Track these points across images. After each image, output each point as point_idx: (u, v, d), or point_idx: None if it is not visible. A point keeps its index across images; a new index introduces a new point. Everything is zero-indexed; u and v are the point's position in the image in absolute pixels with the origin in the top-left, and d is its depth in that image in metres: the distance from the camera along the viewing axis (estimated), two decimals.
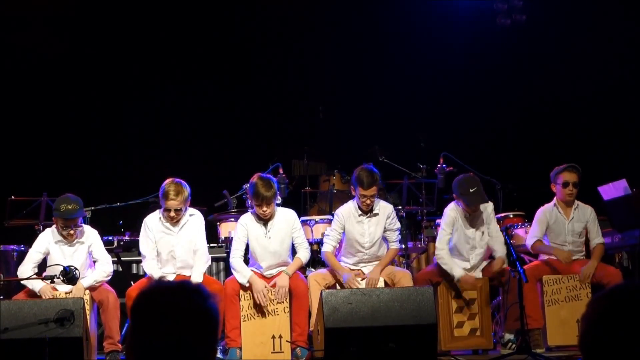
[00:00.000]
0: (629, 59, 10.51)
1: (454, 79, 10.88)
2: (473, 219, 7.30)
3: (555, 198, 7.52)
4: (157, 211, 7.15)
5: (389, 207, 7.32)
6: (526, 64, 11.02)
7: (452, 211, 7.32)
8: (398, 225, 7.36)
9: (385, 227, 7.24)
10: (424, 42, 10.87)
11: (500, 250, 7.25)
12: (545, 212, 7.50)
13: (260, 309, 6.94)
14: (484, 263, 7.38)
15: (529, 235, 7.58)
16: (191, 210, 7.17)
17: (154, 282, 2.28)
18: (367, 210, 7.20)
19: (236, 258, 7.09)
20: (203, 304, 2.13)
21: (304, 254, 7.16)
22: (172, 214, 6.94)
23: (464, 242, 7.30)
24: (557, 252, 7.37)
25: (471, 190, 7.14)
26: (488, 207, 7.38)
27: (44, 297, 6.67)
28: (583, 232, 7.51)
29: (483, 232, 7.33)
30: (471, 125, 10.87)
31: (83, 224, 7.08)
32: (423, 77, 10.82)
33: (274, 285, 6.97)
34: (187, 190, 6.95)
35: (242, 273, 7.01)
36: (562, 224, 7.46)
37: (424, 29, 10.92)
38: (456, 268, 7.18)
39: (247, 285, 6.97)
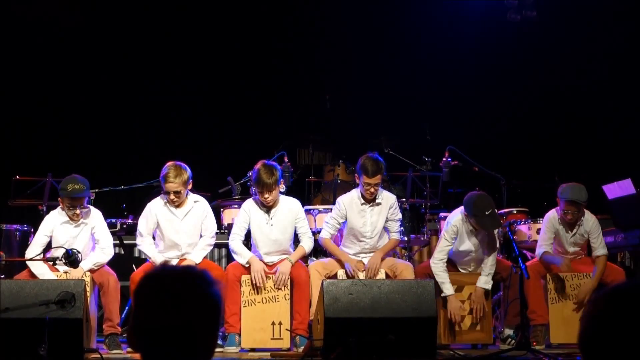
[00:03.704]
0: (638, 56, 10.47)
1: (462, 73, 10.86)
2: (479, 234, 7.20)
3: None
4: (161, 196, 7.16)
5: (392, 198, 7.31)
6: (535, 60, 10.99)
7: (458, 223, 7.17)
8: (400, 216, 7.34)
9: (387, 217, 7.23)
10: (434, 35, 10.85)
11: (482, 282, 7.13)
12: (552, 220, 7.38)
13: (260, 295, 6.95)
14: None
15: (539, 243, 7.43)
16: (195, 196, 7.19)
17: (159, 266, 2.28)
18: (370, 200, 7.19)
19: (235, 241, 7.11)
20: (207, 289, 2.13)
21: (307, 243, 7.17)
22: (172, 196, 6.95)
23: (466, 254, 7.26)
24: (560, 264, 7.25)
25: (486, 213, 6.95)
26: None
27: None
28: (585, 240, 7.45)
29: (487, 247, 7.29)
30: (478, 120, 10.86)
31: (89, 206, 7.09)
32: (431, 70, 10.80)
33: (275, 272, 6.98)
34: (187, 172, 6.96)
35: (242, 255, 7.05)
36: (564, 236, 7.39)
37: (434, 22, 10.90)
38: (447, 285, 7.09)
39: (247, 266, 6.99)
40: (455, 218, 7.21)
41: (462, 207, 7.24)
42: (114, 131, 10.56)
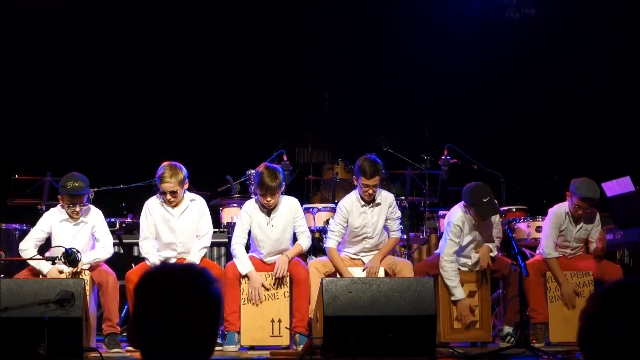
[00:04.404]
0: (638, 54, 10.47)
1: (461, 71, 10.85)
2: (480, 225, 7.24)
3: (567, 204, 7.42)
4: (157, 196, 7.16)
5: (390, 197, 7.32)
6: (534, 58, 10.99)
7: (459, 222, 7.19)
8: (399, 214, 7.35)
9: (386, 216, 7.24)
10: (433, 33, 10.84)
11: (489, 243, 7.25)
12: (559, 217, 7.38)
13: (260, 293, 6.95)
14: None
15: (544, 243, 7.40)
16: (192, 195, 7.18)
17: (159, 264, 2.28)
18: (369, 200, 7.20)
19: (239, 245, 7.08)
20: (207, 288, 2.13)
21: (304, 242, 7.16)
22: (169, 196, 6.95)
23: (469, 245, 7.27)
24: (564, 286, 7.27)
25: (484, 200, 7.02)
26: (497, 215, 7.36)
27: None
28: (588, 234, 7.48)
29: (489, 237, 7.31)
30: (476, 118, 10.85)
31: (88, 204, 7.10)
32: (430, 68, 10.80)
33: (273, 265, 6.99)
34: (182, 172, 6.95)
35: (243, 264, 7.00)
36: (570, 231, 7.40)
37: (433, 20, 10.89)
38: (458, 290, 7.11)
39: (246, 277, 6.99)
40: (456, 217, 7.22)
41: (459, 204, 7.26)
42: (113, 130, 10.55)
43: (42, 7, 10.21)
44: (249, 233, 7.22)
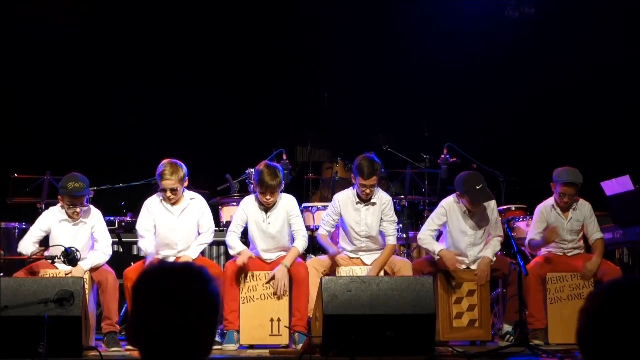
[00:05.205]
0: (636, 53, 10.47)
1: (460, 70, 10.85)
2: (474, 215, 7.25)
3: (552, 198, 7.45)
4: (157, 194, 7.16)
5: (387, 198, 7.31)
6: (533, 57, 10.99)
7: (447, 205, 7.26)
8: (395, 218, 7.33)
9: (381, 217, 7.23)
10: (432, 32, 10.84)
11: (488, 252, 7.24)
12: (544, 211, 7.42)
13: (259, 292, 6.94)
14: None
15: (529, 234, 7.50)
16: (191, 194, 7.18)
17: (157, 263, 2.28)
18: (365, 199, 7.20)
19: (231, 235, 7.12)
20: (205, 286, 2.13)
21: (301, 243, 7.12)
22: (169, 193, 6.96)
23: (462, 238, 7.27)
24: (546, 234, 7.26)
25: (477, 187, 7.06)
26: (491, 203, 7.33)
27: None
28: (581, 228, 7.47)
29: (484, 230, 7.30)
30: (476, 117, 10.85)
31: (88, 204, 7.10)
32: (430, 67, 10.80)
33: (273, 278, 6.97)
34: (183, 170, 6.96)
35: (234, 248, 7.05)
36: (560, 224, 7.40)
37: (432, 18, 10.89)
38: (435, 244, 7.21)
39: (237, 255, 6.99)
40: (446, 201, 7.32)
41: (453, 194, 7.29)
42: (113, 129, 10.54)
43: (42, 7, 10.21)
44: (246, 230, 7.23)
